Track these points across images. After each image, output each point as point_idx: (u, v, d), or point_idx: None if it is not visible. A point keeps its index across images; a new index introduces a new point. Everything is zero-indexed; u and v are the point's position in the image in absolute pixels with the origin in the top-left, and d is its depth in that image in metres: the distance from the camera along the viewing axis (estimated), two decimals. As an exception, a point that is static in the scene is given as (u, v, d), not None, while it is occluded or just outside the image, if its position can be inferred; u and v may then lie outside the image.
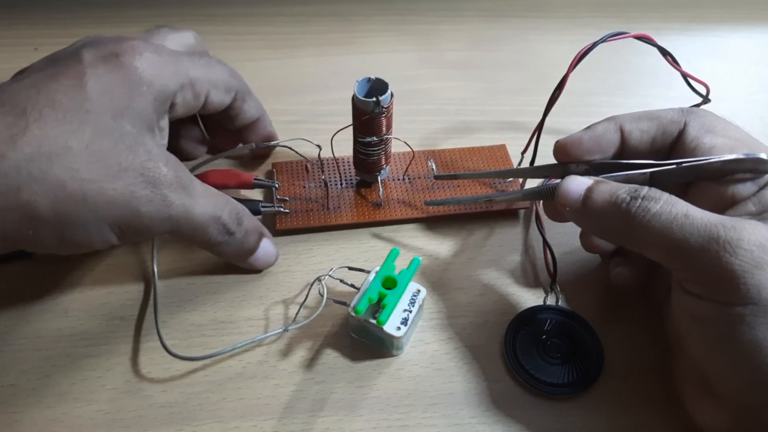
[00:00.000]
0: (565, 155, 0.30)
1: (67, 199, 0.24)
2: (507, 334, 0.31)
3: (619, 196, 0.26)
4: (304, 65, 0.48)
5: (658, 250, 0.25)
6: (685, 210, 0.24)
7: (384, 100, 0.32)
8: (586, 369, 0.30)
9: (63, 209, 0.25)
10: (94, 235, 0.26)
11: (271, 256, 0.34)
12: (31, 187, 0.24)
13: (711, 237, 0.23)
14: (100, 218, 0.26)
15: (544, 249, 0.34)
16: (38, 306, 0.32)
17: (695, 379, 0.27)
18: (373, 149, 0.35)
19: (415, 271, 0.29)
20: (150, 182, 0.27)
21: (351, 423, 0.28)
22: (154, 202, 0.27)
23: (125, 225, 0.26)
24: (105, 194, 0.25)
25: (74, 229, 0.25)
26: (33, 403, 0.28)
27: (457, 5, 0.55)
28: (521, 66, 0.49)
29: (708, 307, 0.23)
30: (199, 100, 0.31)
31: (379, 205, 0.37)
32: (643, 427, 0.29)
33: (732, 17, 0.55)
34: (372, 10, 0.53)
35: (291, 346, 0.31)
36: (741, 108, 0.46)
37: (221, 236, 0.30)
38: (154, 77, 0.28)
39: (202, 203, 0.29)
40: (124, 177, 0.26)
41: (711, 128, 0.28)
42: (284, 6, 0.53)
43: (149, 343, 0.31)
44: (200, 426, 0.28)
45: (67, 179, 0.24)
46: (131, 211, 0.26)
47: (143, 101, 0.28)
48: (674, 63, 0.34)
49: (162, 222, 0.27)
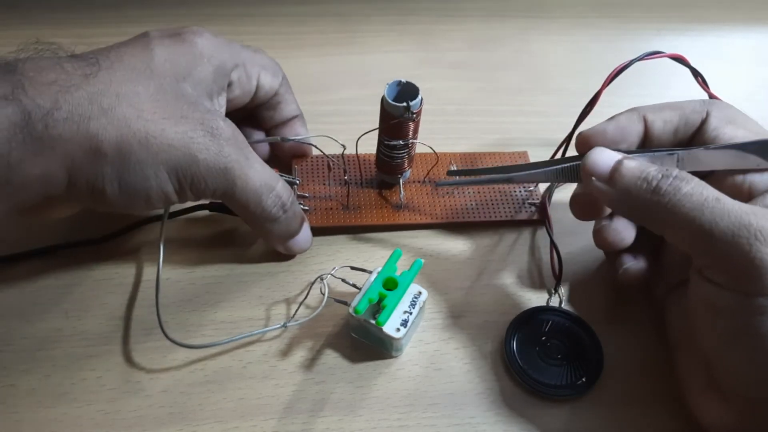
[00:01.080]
0: (589, 147, 0.30)
1: (130, 137, 0.25)
2: (507, 335, 0.31)
3: (650, 173, 0.25)
4: (304, 65, 0.48)
5: (684, 232, 0.24)
6: (717, 194, 0.24)
7: (414, 105, 0.32)
8: (585, 371, 0.30)
9: (126, 147, 0.25)
10: (152, 182, 0.26)
11: (309, 241, 0.34)
12: (99, 119, 0.25)
13: (742, 223, 0.23)
14: (160, 161, 0.26)
15: (551, 249, 0.34)
16: (38, 306, 0.32)
17: (700, 376, 0.27)
18: (398, 153, 0.34)
19: (416, 272, 0.29)
20: (209, 132, 0.27)
21: (351, 423, 0.28)
22: (211, 150, 0.27)
23: (182, 172, 0.27)
24: (166, 136, 0.26)
25: (134, 172, 0.26)
26: (33, 403, 0.28)
27: (457, 5, 0.55)
28: (521, 66, 0.49)
29: (729, 297, 0.23)
30: (252, 82, 0.33)
31: (399, 207, 0.36)
32: (643, 427, 0.29)
33: (732, 17, 0.55)
34: (372, 10, 0.53)
35: (291, 346, 0.31)
36: (741, 108, 0.46)
37: (277, 210, 0.30)
38: (214, 53, 0.30)
39: (258, 169, 0.29)
40: (185, 124, 0.27)
41: (732, 120, 0.29)
42: (284, 6, 0.53)
43: (149, 343, 0.31)
44: (200, 426, 0.28)
45: (132, 117, 0.26)
46: (189, 157, 0.27)
47: (204, 70, 0.30)
48: (704, 85, 0.33)
49: (217, 173, 0.28)
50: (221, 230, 0.36)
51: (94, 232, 0.35)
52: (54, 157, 0.24)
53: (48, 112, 0.24)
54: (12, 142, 0.23)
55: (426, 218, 0.36)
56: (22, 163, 0.23)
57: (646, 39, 0.50)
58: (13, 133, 0.23)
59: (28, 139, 0.23)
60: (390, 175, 0.36)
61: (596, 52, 0.32)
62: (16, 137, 0.23)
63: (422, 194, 0.37)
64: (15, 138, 0.23)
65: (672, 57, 0.32)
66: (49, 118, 0.24)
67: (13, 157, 0.23)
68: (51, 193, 0.25)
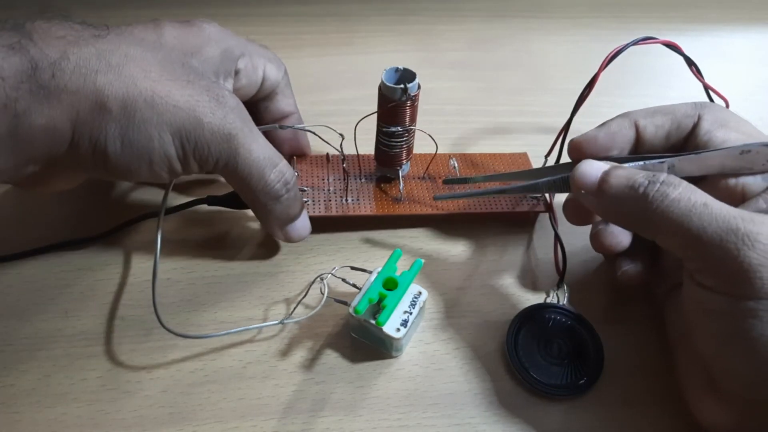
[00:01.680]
0: (580, 153, 0.30)
1: (136, 95, 0.25)
2: (510, 331, 0.31)
3: (637, 180, 0.25)
4: (304, 65, 0.48)
5: (674, 238, 0.24)
6: (704, 199, 0.24)
7: (411, 87, 0.32)
8: (586, 370, 0.30)
9: (131, 105, 0.25)
10: (156, 143, 0.26)
11: (307, 229, 0.34)
12: (107, 74, 0.25)
13: (730, 228, 0.23)
14: (164, 122, 0.26)
15: (555, 244, 0.34)
16: (38, 306, 0.32)
17: (699, 377, 0.27)
18: (396, 140, 0.34)
19: (416, 273, 0.29)
20: (214, 98, 0.28)
21: (351, 423, 0.28)
22: (216, 114, 0.27)
23: (187, 135, 0.27)
24: (172, 97, 0.26)
25: (138, 131, 0.26)
26: (33, 403, 0.28)
27: (457, 5, 0.55)
28: (521, 66, 0.49)
29: (720, 300, 0.23)
30: (258, 72, 0.33)
31: (398, 200, 0.36)
32: (643, 427, 0.29)
33: (732, 17, 0.55)
34: (372, 11, 0.53)
35: (291, 346, 0.31)
36: (741, 108, 0.46)
37: (280, 186, 0.30)
38: (222, 38, 0.31)
39: (262, 143, 0.29)
40: (191, 88, 0.27)
41: (725, 123, 0.28)
42: (284, 6, 0.53)
43: (150, 343, 0.31)
44: (200, 426, 0.28)
45: (139, 77, 0.26)
46: (194, 119, 0.27)
47: (212, 51, 0.31)
48: (698, 74, 0.34)
49: (221, 139, 0.27)
50: (221, 230, 0.36)
51: (93, 230, 0.35)
52: (60, 108, 0.24)
53: (55, 62, 0.24)
54: (18, 90, 0.23)
55: (426, 209, 0.36)
56: (28, 113, 0.23)
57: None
58: (20, 81, 0.23)
59: (35, 87, 0.23)
60: (389, 167, 0.36)
61: (596, 52, 0.32)
62: (23, 86, 0.23)
63: (422, 189, 0.37)
64: (21, 86, 0.23)
65: (665, 43, 0.32)
66: (56, 67, 0.24)
67: (19, 106, 0.23)
68: (55, 151, 0.25)
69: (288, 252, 0.35)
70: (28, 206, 0.37)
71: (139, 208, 0.36)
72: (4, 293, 0.32)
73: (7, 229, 0.35)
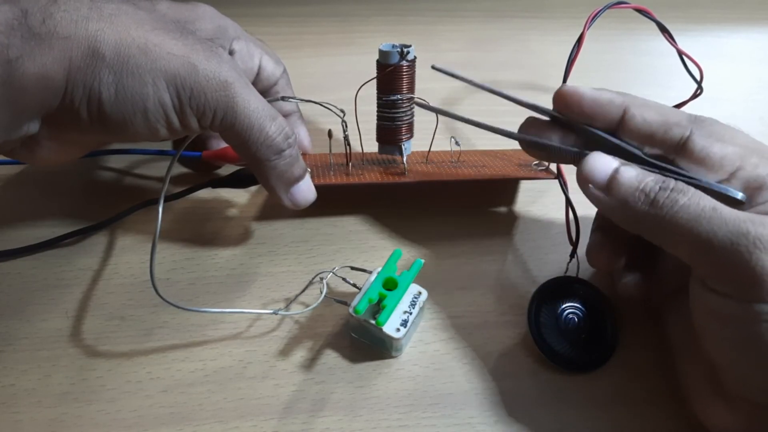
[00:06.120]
0: (562, 105, 0.29)
1: (129, 42, 0.25)
2: (531, 303, 0.31)
3: (648, 184, 0.25)
4: (304, 65, 0.48)
5: (683, 244, 0.24)
6: (713, 204, 0.24)
7: (409, 51, 0.33)
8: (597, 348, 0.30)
9: (124, 51, 0.25)
10: (150, 89, 0.26)
11: (312, 192, 0.33)
12: (99, 22, 0.25)
13: (740, 232, 0.22)
14: (158, 69, 0.26)
15: (566, 209, 0.33)
16: (38, 306, 0.32)
17: (706, 381, 0.26)
18: (397, 111, 0.34)
19: (416, 273, 0.29)
20: (209, 49, 0.28)
21: (351, 423, 0.28)
22: (211, 62, 0.27)
23: (182, 82, 0.26)
24: (166, 44, 0.26)
25: (132, 77, 0.26)
26: (33, 403, 0.28)
27: (456, 5, 0.55)
28: (521, 66, 0.49)
29: (733, 305, 0.23)
30: (254, 59, 0.33)
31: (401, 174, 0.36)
32: (641, 427, 0.29)
33: (732, 17, 0.55)
34: (371, 11, 0.54)
35: (291, 346, 0.31)
36: (741, 108, 0.46)
37: (281, 139, 0.29)
38: (217, 17, 0.32)
39: (259, 98, 0.29)
40: (185, 40, 0.27)
41: (720, 137, 0.27)
42: (284, 6, 0.53)
43: (149, 343, 0.31)
44: (200, 426, 0.28)
45: (132, 26, 0.26)
46: (189, 65, 0.26)
47: (205, 25, 0.31)
48: (671, 40, 0.33)
49: (218, 86, 0.27)
50: (221, 231, 0.36)
51: (94, 220, 0.35)
52: (52, 55, 0.24)
53: (45, 6, 0.24)
54: (10, 36, 0.23)
55: (429, 177, 0.35)
56: (20, 60, 0.23)
57: (646, 39, 0.50)
58: (11, 27, 0.23)
59: (27, 34, 0.23)
60: (391, 144, 0.36)
61: (596, 52, 0.32)
62: (14, 32, 0.23)
63: (425, 168, 0.37)
64: (13, 33, 0.23)
65: (636, 8, 0.33)
66: (47, 13, 0.24)
67: (11, 52, 0.23)
68: (49, 102, 0.25)
69: (288, 252, 0.35)
70: (27, 202, 0.37)
71: (141, 196, 0.36)
72: (4, 293, 0.32)
73: (6, 228, 0.35)
